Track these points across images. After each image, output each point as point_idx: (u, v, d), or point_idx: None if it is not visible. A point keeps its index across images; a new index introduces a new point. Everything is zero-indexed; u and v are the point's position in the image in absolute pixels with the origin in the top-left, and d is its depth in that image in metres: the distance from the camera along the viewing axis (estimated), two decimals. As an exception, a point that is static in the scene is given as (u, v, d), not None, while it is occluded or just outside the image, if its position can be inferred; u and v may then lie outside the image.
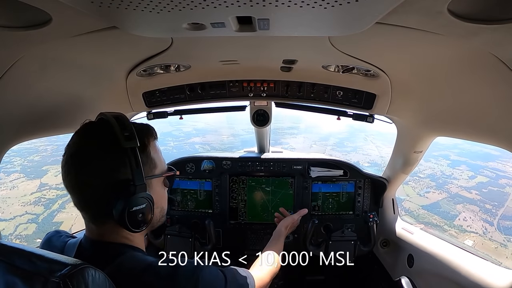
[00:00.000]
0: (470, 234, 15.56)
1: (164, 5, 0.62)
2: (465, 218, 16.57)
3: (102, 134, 0.81)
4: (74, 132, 0.85)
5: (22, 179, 17.11)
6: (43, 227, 13.70)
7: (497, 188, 19.33)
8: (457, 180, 20.77)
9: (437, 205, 17.90)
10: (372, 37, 0.94)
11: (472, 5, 0.69)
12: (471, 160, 22.72)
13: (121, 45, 1.09)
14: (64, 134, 1.40)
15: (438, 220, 16.62)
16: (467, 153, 23.14)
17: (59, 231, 1.02)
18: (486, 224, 16.25)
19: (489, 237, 15.45)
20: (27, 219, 14.27)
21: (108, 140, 0.79)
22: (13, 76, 0.98)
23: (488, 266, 1.40)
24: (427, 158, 21.50)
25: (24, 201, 15.43)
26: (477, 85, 1.05)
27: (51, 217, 14.31)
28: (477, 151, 22.59)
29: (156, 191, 0.91)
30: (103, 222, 0.84)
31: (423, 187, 19.46)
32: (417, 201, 18.22)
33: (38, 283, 0.60)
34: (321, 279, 2.56)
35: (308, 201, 2.26)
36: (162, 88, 1.70)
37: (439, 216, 16.99)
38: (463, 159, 22.94)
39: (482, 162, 22.21)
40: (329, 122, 29.19)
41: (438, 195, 18.87)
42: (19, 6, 0.66)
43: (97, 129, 0.84)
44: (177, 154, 2.41)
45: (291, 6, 0.62)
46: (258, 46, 1.20)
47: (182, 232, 2.13)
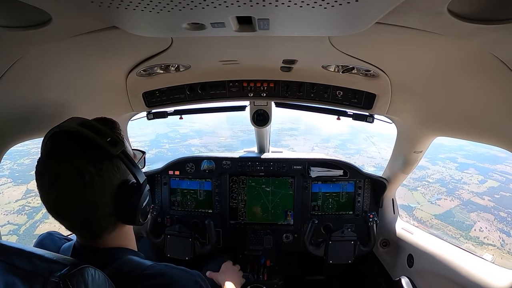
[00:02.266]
0: (488, 246, 14.92)
1: (164, 5, 0.62)
2: (481, 228, 15.95)
3: (86, 149, 0.73)
4: (43, 151, 0.75)
5: (8, 184, 16.31)
6: (24, 240, 12.84)
7: (509, 194, 18.79)
8: (468, 185, 20.17)
9: (450, 214, 17.28)
10: (372, 37, 0.94)
11: (472, 5, 0.69)
12: (479, 162, 22.24)
13: (121, 45, 1.09)
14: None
15: (453, 231, 16.02)
16: (474, 155, 22.62)
17: (51, 233, 0.99)
18: (503, 235, 15.61)
19: (507, 250, 14.78)
20: (8, 230, 13.38)
21: (95, 153, 0.74)
22: (13, 76, 0.98)
23: (488, 266, 1.40)
24: (434, 161, 20.99)
25: (7, 209, 14.69)
26: (477, 85, 1.05)
27: (33, 228, 13.52)
28: (483, 152, 22.04)
29: None
30: (107, 233, 0.82)
31: (433, 193, 18.95)
32: (429, 209, 17.64)
33: (37, 283, 0.60)
34: (321, 279, 2.56)
35: (308, 201, 2.26)
36: (162, 88, 1.70)
37: (453, 226, 16.37)
38: (471, 161, 22.45)
39: (490, 164, 21.79)
40: (329, 122, 29.05)
41: (450, 202, 18.31)
42: (19, 6, 0.66)
43: (76, 145, 0.74)
44: (171, 157, 2.39)
45: (291, 6, 0.62)
46: (258, 46, 1.20)
47: (182, 232, 2.13)
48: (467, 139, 1.33)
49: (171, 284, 0.78)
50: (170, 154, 24.01)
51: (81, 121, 0.77)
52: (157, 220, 2.27)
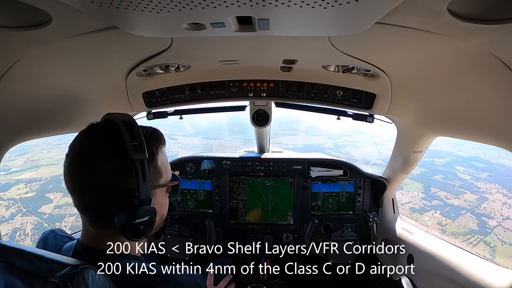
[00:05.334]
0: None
1: (164, 5, 0.62)
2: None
3: (110, 141, 0.78)
4: (80, 133, 0.82)
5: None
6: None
7: None
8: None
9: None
10: (372, 37, 0.94)
11: (472, 5, 0.69)
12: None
13: (121, 45, 1.09)
14: (61, 135, 1.40)
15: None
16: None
17: (54, 230, 0.99)
18: None
19: None
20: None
21: (117, 148, 0.77)
22: (13, 76, 0.98)
23: (488, 266, 1.40)
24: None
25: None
26: (477, 85, 1.05)
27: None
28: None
29: (158, 200, 0.89)
30: (102, 227, 0.82)
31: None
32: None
33: (38, 283, 0.60)
34: (321, 279, 2.56)
35: (308, 201, 2.26)
36: (162, 88, 1.70)
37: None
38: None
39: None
40: (329, 122, 28.58)
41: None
42: (19, 6, 0.66)
43: (105, 134, 0.80)
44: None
45: (291, 6, 0.62)
46: (258, 46, 1.20)
47: (182, 232, 2.13)
48: (467, 139, 1.33)
49: (172, 286, 0.78)
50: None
51: (127, 119, 0.81)
52: None
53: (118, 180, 0.78)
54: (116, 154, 0.77)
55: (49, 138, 1.23)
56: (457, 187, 13.46)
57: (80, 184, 0.78)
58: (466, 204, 12.52)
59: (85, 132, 0.83)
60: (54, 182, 11.42)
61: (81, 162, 0.78)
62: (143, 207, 0.79)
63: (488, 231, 11.27)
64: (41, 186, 11.51)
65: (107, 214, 0.78)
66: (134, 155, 0.76)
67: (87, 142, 0.80)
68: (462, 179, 13.99)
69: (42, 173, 12.09)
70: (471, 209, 12.27)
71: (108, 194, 0.77)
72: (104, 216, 0.79)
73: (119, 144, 0.76)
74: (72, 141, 0.81)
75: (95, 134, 0.82)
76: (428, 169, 14.06)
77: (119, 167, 0.77)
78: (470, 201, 12.62)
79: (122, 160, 0.76)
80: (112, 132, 0.78)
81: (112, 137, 0.78)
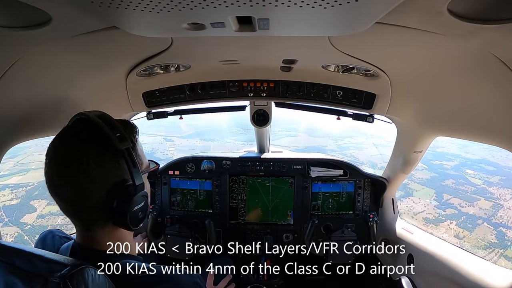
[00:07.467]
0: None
1: (164, 5, 0.62)
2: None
3: (93, 137, 0.76)
4: (56, 136, 0.79)
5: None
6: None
7: None
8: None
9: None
10: (372, 37, 0.94)
11: (472, 5, 0.69)
12: None
13: (121, 45, 1.09)
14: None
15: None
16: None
17: (52, 231, 0.99)
18: None
19: None
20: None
21: (101, 143, 0.76)
22: (13, 76, 0.98)
23: (488, 266, 1.40)
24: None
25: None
26: (477, 85, 1.05)
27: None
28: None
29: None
30: (99, 227, 0.82)
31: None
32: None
33: (38, 284, 0.60)
34: (321, 279, 2.56)
35: (308, 201, 2.26)
36: (162, 88, 1.70)
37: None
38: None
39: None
40: (329, 122, 28.48)
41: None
42: (19, 6, 0.66)
43: (86, 132, 0.78)
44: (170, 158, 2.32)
45: (290, 6, 0.62)
46: (258, 46, 1.20)
47: (182, 232, 2.12)
48: (467, 139, 1.33)
49: (171, 286, 0.78)
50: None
51: (100, 114, 0.81)
52: (157, 220, 2.27)
53: (111, 175, 0.78)
54: (103, 149, 0.76)
55: (42, 140, 1.24)
56: (470, 193, 12.77)
57: (71, 188, 0.75)
58: (481, 212, 11.83)
59: (61, 134, 0.79)
60: (40, 188, 10.59)
61: (68, 165, 0.74)
62: (139, 193, 0.81)
63: (508, 244, 10.58)
64: (27, 193, 10.94)
65: (103, 212, 0.78)
66: (120, 145, 0.77)
67: (68, 144, 0.77)
68: (473, 184, 13.33)
69: (31, 177, 11.47)
70: (487, 218, 11.62)
71: (103, 191, 0.77)
72: (101, 215, 0.79)
73: (102, 138, 0.76)
74: (50, 149, 0.77)
75: (75, 134, 0.79)
76: (438, 173, 13.62)
77: (109, 161, 0.77)
78: (486, 209, 11.96)
79: (109, 154, 0.77)
80: (92, 128, 0.77)
81: (93, 133, 0.77)
